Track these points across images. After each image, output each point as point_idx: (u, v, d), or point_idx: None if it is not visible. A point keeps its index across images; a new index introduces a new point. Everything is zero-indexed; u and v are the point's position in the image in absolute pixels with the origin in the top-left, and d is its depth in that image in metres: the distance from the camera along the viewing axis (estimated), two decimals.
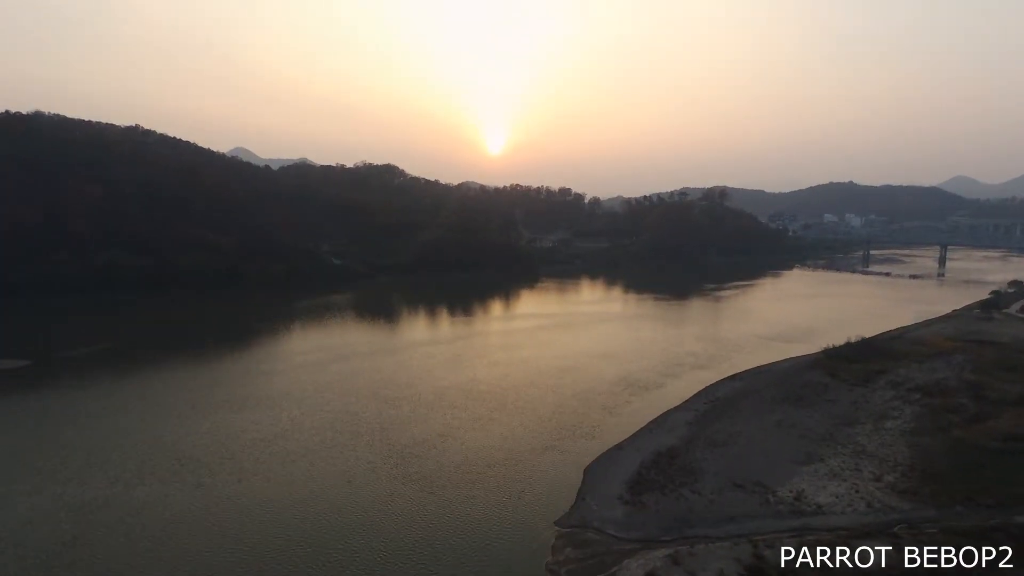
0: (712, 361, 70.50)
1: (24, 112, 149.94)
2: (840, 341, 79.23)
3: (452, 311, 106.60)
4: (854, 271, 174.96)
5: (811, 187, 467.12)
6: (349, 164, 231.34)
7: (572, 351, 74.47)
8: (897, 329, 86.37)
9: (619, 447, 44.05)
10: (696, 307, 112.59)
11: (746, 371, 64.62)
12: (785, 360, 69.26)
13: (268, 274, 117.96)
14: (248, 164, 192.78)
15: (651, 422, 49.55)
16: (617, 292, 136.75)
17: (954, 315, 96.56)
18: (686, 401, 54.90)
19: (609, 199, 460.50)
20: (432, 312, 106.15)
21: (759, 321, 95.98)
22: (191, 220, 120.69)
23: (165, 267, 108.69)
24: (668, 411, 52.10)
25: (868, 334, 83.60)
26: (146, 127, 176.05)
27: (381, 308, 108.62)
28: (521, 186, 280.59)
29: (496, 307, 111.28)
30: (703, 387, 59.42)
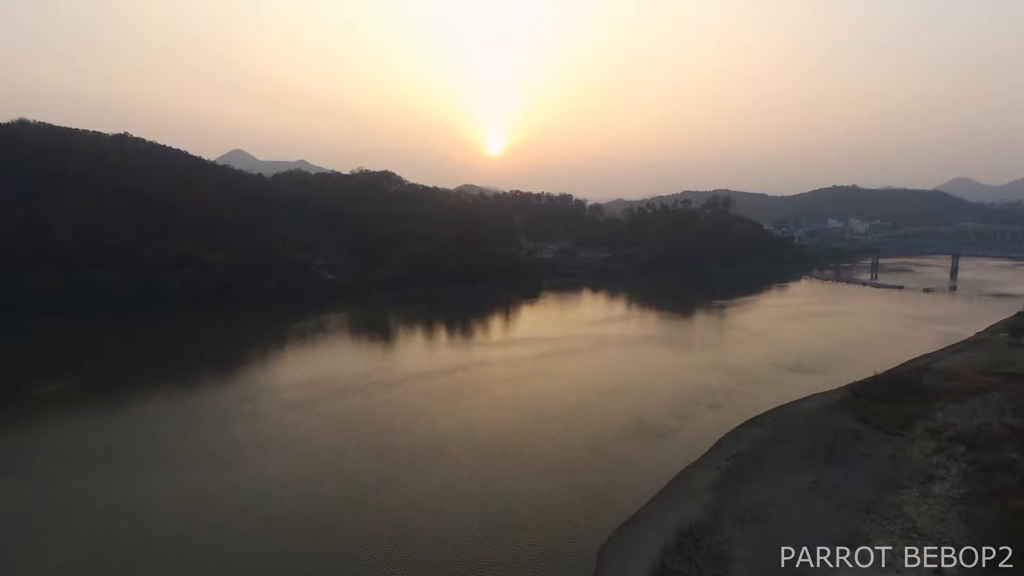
0: (728, 398, 65.66)
1: (7, 121, 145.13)
2: (863, 371, 74.90)
3: (451, 333, 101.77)
4: (865, 283, 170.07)
5: (814, 191, 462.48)
6: (347, 167, 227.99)
7: (578, 384, 69.70)
8: (922, 357, 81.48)
9: (635, 521, 39.16)
10: (705, 327, 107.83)
11: (767, 413, 59.76)
12: (808, 398, 64.35)
13: (259, 291, 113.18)
14: (241, 172, 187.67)
15: (669, 484, 44.70)
16: (621, 308, 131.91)
17: (980, 340, 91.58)
18: (706, 455, 50.05)
19: (609, 202, 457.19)
20: (429, 334, 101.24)
21: (773, 346, 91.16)
22: (180, 234, 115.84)
23: (152, 284, 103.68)
24: (687, 469, 47.25)
25: (891, 362, 79.35)
26: (142, 128, 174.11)
27: (376, 330, 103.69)
28: (521, 192, 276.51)
29: (496, 328, 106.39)
30: (722, 434, 54.65)
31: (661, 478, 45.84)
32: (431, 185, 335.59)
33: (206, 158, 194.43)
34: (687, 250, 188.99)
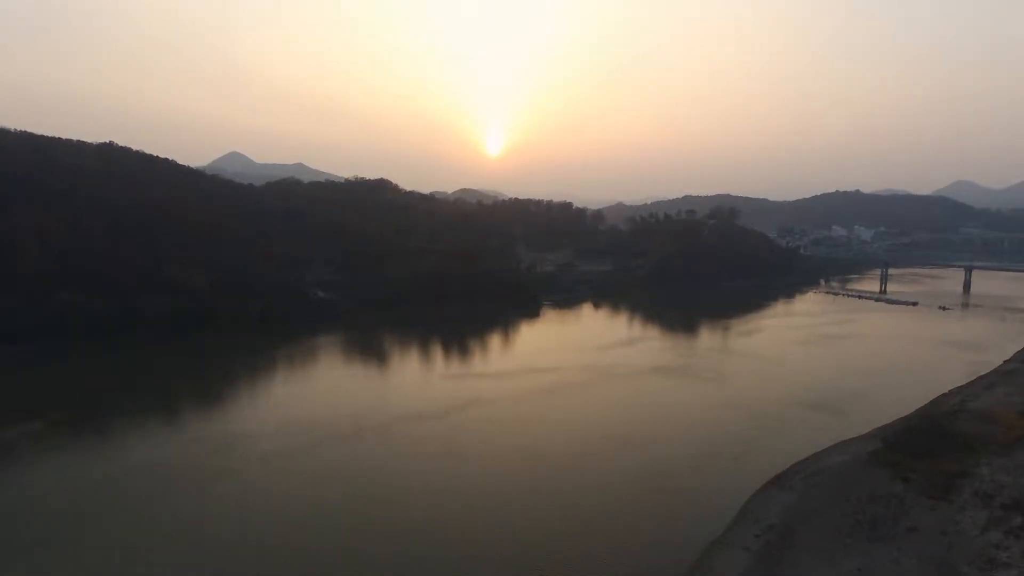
0: (748, 446, 60.04)
1: None
2: (890, 409, 70.58)
3: (447, 361, 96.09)
4: (877, 299, 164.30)
5: (816, 195, 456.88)
6: (345, 170, 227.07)
7: (583, 429, 64.02)
8: (952, 393, 75.97)
9: None
10: (716, 355, 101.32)
11: (794, 469, 54.07)
12: (836, 448, 58.74)
13: (244, 313, 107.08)
14: (231, 183, 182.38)
15: (693, 568, 39.04)
16: (626, 330, 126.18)
17: (1010, 371, 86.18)
18: (731, 527, 44.31)
19: (610, 206, 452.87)
20: (424, 363, 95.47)
21: (790, 377, 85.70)
22: (162, 254, 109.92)
23: (128, 310, 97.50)
24: (711, 547, 41.51)
25: (919, 398, 74.48)
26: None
27: (368, 358, 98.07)
28: (520, 199, 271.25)
29: (495, 355, 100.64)
30: (746, 496, 49.05)
31: (682, 558, 40.34)
32: (429, 191, 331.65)
33: (201, 161, 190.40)
34: (692, 263, 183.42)
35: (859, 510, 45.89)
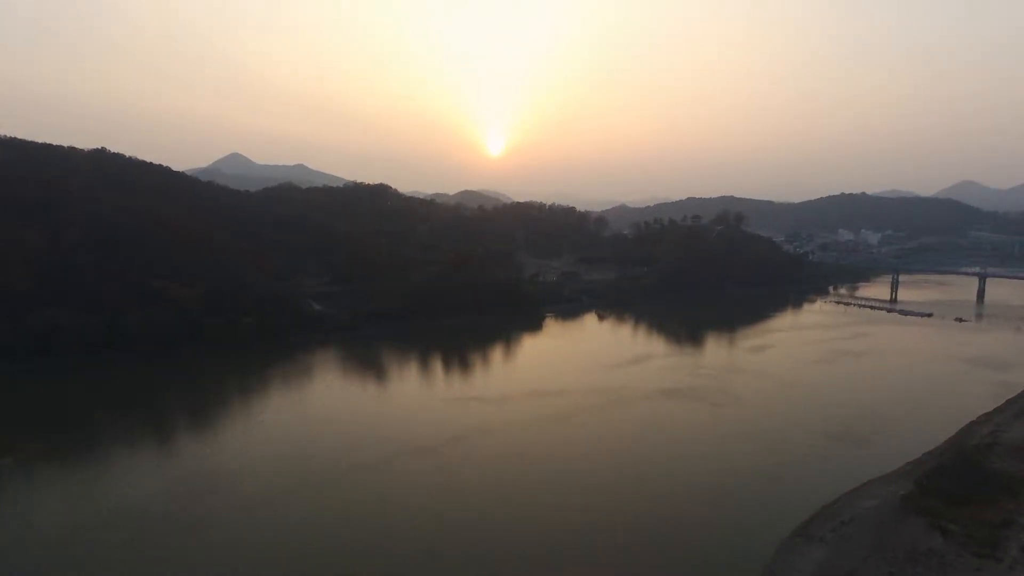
0: (769, 484, 56.18)
1: None
2: (916, 439, 67.85)
3: (448, 382, 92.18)
4: (889, 310, 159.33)
5: (821, 198, 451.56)
6: (347, 171, 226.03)
7: (591, 467, 59.89)
8: (982, 421, 71.86)
9: None
10: (728, 375, 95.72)
11: (822, 516, 49.91)
12: (866, 489, 54.62)
13: (236, 329, 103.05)
14: (225, 188, 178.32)
15: None
16: (631, 344, 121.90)
17: None
18: None
19: (613, 208, 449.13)
20: (424, 383, 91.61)
21: (808, 401, 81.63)
22: (151, 267, 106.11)
23: (114, 327, 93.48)
24: None
25: (946, 425, 70.99)
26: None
27: (364, 377, 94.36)
28: (522, 203, 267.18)
29: (497, 374, 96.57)
30: (771, 549, 44.96)
31: None
32: (430, 193, 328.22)
33: (202, 162, 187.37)
34: (697, 270, 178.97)
35: (898, 570, 41.79)
